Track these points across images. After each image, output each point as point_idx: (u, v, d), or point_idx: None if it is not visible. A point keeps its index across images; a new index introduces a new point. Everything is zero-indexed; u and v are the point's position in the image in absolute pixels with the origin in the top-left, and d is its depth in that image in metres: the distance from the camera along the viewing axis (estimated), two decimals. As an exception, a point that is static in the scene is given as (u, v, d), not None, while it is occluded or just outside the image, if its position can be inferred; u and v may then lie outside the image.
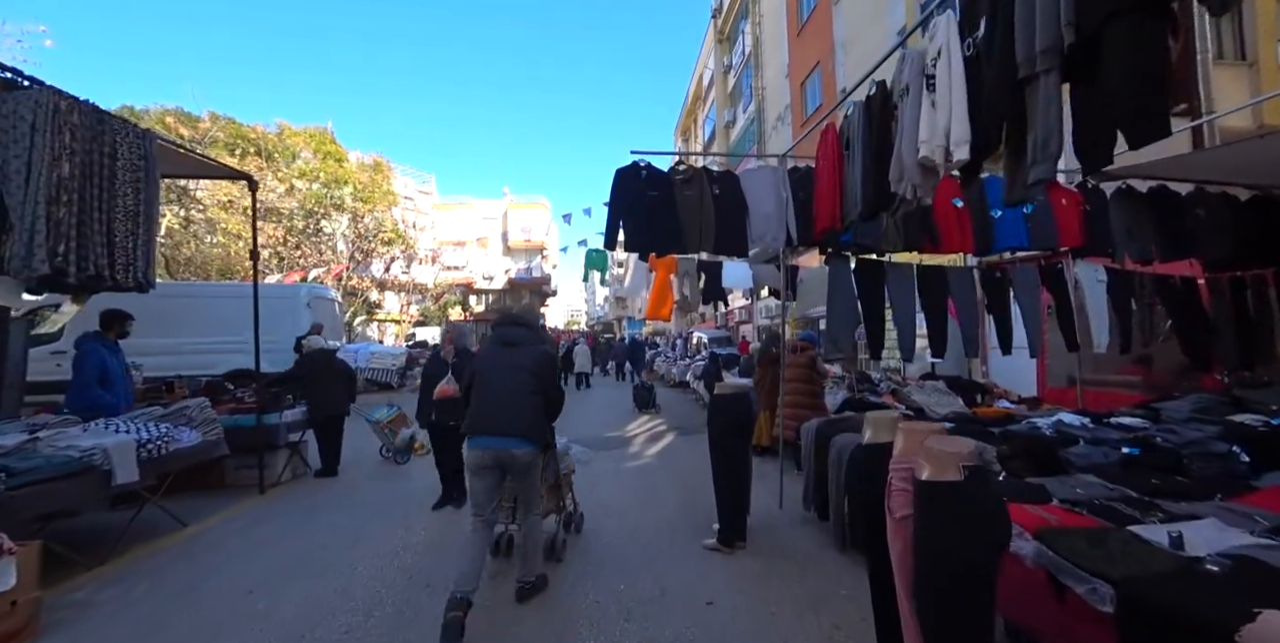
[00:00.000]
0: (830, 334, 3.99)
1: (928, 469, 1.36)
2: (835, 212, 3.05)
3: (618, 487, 4.79)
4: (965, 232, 4.19)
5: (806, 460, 3.77)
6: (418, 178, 34.66)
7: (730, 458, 3.32)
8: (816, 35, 13.93)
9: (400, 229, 23.58)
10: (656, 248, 3.85)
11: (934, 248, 4.18)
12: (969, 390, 5.90)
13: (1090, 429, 3.37)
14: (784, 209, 3.95)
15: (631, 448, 6.45)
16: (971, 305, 4.26)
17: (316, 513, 4.29)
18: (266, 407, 4.84)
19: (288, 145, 19.77)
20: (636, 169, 3.84)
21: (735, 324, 23.47)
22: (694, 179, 3.88)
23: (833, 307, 4.03)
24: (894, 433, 2.21)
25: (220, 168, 5.07)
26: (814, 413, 4.77)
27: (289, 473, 5.10)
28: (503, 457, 2.65)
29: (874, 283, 4.13)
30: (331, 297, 10.56)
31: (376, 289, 25.78)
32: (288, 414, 5.00)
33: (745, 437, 3.42)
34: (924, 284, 4.22)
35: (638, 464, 5.64)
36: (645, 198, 3.80)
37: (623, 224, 3.79)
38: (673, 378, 14.22)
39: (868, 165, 2.68)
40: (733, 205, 3.95)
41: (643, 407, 9.88)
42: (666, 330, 33.72)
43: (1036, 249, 4.27)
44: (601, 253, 8.32)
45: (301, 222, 19.08)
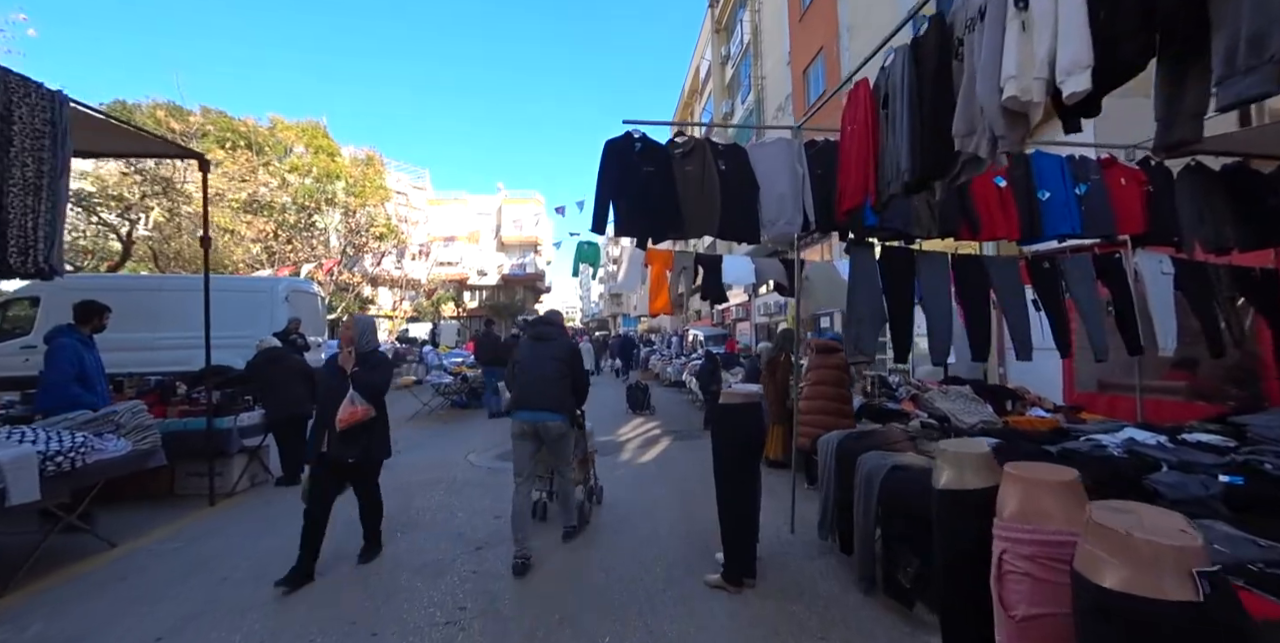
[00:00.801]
0: (851, 333, 3.45)
1: (1120, 569, 0.82)
2: (868, 185, 2.51)
3: (606, 504, 4.25)
4: (1009, 215, 3.65)
5: (825, 480, 3.24)
6: (412, 173, 34.06)
7: (738, 481, 2.79)
8: (820, 19, 13.38)
9: (392, 224, 23.03)
10: (653, 232, 3.30)
11: (973, 234, 3.64)
12: (997, 396, 5.37)
13: (1170, 450, 2.84)
14: (800, 188, 3.40)
15: (623, 455, 5.91)
16: (1020, 301, 3.72)
17: (266, 530, 3.75)
18: (219, 409, 4.30)
19: (280, 139, 19.25)
20: (629, 141, 3.29)
21: (732, 322, 22.96)
22: (696, 153, 3.34)
23: (855, 302, 3.49)
24: (989, 476, 1.68)
25: (163, 144, 4.51)
26: (840, 420, 4.25)
27: (247, 481, 4.56)
28: (539, 428, 3.31)
29: (902, 274, 3.59)
30: (313, 291, 9.99)
31: (369, 285, 25.27)
32: (244, 417, 4.45)
33: (756, 454, 2.88)
34: (961, 276, 3.69)
35: (630, 475, 5.11)
36: (639, 174, 3.25)
37: (614, 204, 3.24)
38: (668, 377, 13.69)
39: (918, 122, 2.14)
40: (741, 183, 3.41)
41: (637, 408, 9.35)
42: (662, 328, 33.24)
43: (1091, 236, 3.72)
44: (593, 245, 7.75)
45: (293, 216, 18.55)
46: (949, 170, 2.07)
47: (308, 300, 9.41)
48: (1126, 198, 3.80)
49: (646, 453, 6.07)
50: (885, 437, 3.06)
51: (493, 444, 6.45)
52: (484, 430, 7.44)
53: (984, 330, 3.71)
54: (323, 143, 20.72)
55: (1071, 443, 3.07)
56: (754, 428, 2.81)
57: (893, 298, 3.54)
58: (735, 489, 2.78)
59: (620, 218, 3.23)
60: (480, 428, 7.61)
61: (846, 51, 11.80)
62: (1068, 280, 3.82)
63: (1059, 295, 3.81)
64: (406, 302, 28.16)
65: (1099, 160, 3.87)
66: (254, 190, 16.72)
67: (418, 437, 6.87)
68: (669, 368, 13.82)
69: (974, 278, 3.73)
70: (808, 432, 4.11)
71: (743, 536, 2.77)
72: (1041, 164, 3.76)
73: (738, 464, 2.77)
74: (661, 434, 7.30)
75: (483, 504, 4.17)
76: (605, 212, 3.21)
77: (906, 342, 3.58)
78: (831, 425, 4.21)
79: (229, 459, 4.48)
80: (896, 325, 3.57)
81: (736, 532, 2.78)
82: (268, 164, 17.97)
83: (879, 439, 3.05)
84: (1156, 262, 3.88)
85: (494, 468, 5.32)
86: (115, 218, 12.86)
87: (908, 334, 3.57)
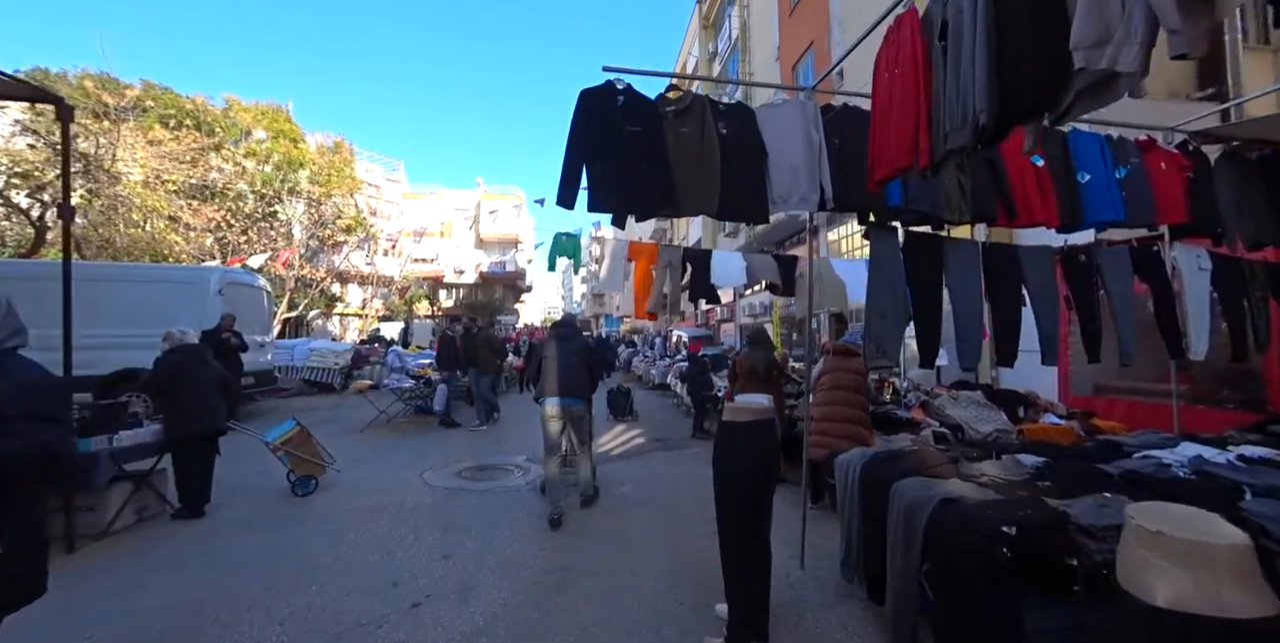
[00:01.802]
0: (871, 333, 2.90)
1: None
2: (918, 142, 1.94)
3: (582, 536, 3.62)
4: (1048, 199, 3.16)
5: (847, 510, 2.67)
6: (386, 164, 32.74)
7: (749, 521, 2.19)
8: (811, 13, 13.01)
9: (361, 217, 21.90)
10: (636, 207, 2.69)
11: (1008, 219, 3.14)
12: (1009, 402, 4.94)
13: (1244, 470, 2.36)
14: (816, 158, 2.84)
15: (603, 470, 5.27)
16: (1052, 297, 3.23)
17: (139, 586, 2.88)
18: (87, 427, 3.51)
19: (236, 122, 18.00)
20: (611, 92, 2.68)
21: (716, 322, 22.49)
22: (693, 112, 2.74)
23: (875, 295, 2.94)
24: (1253, 587, 1.11)
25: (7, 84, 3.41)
26: (855, 430, 3.70)
27: (131, 515, 3.73)
28: (565, 410, 3.95)
29: (929, 264, 3.07)
30: (256, 284, 9.06)
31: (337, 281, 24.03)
32: (125, 436, 3.63)
33: (770, 486, 2.29)
34: (992, 268, 3.18)
35: (610, 496, 4.48)
36: (621, 134, 2.64)
37: (587, 171, 2.62)
38: (651, 379, 13.10)
39: (1004, 42, 1.58)
40: (746, 151, 2.83)
41: (619, 414, 8.72)
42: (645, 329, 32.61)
43: (1132, 225, 3.26)
44: (573, 237, 7.09)
45: (250, 205, 17.34)
46: (1056, 101, 1.51)
47: (249, 295, 8.51)
48: (1167, 184, 3.36)
49: (629, 467, 5.45)
50: (921, 459, 2.50)
51: (454, 458, 5.75)
52: (446, 442, 6.72)
53: (1014, 330, 3.20)
54: (285, 127, 19.52)
55: (1128, 462, 2.57)
56: (768, 453, 2.22)
57: (919, 291, 3.01)
58: (744, 532, 2.19)
59: (596, 188, 2.62)
60: (443, 439, 6.88)
61: (838, 45, 11.42)
62: (1103, 275, 3.34)
63: (1093, 292, 3.33)
64: (378, 300, 26.96)
65: (1137, 142, 3.41)
66: (202, 175, 15.53)
67: (367, 451, 6.11)
68: (653, 370, 13.23)
69: (1006, 270, 3.22)
70: (821, 441, 3.56)
71: (753, 589, 2.18)
72: (1080, 143, 3.29)
73: (749, 499, 2.18)
74: (646, 443, 6.69)
75: (431, 539, 3.48)
76: (576, 179, 2.59)
77: (934, 343, 3.05)
78: (848, 436, 3.67)
79: (106, 490, 3.50)
80: (923, 323, 3.04)
81: (743, 585, 2.18)
82: (220, 147, 16.77)
83: (914, 462, 2.49)
84: (1194, 256, 3.46)
85: (453, 489, 4.62)
86: (25, 199, 11.59)
87: (936, 333, 3.04)
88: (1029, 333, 3.21)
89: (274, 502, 4.23)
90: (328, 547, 3.35)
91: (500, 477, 5.04)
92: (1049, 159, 3.18)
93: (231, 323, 7.13)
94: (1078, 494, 2.12)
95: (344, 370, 10.92)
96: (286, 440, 4.33)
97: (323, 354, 10.87)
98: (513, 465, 5.42)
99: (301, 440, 4.43)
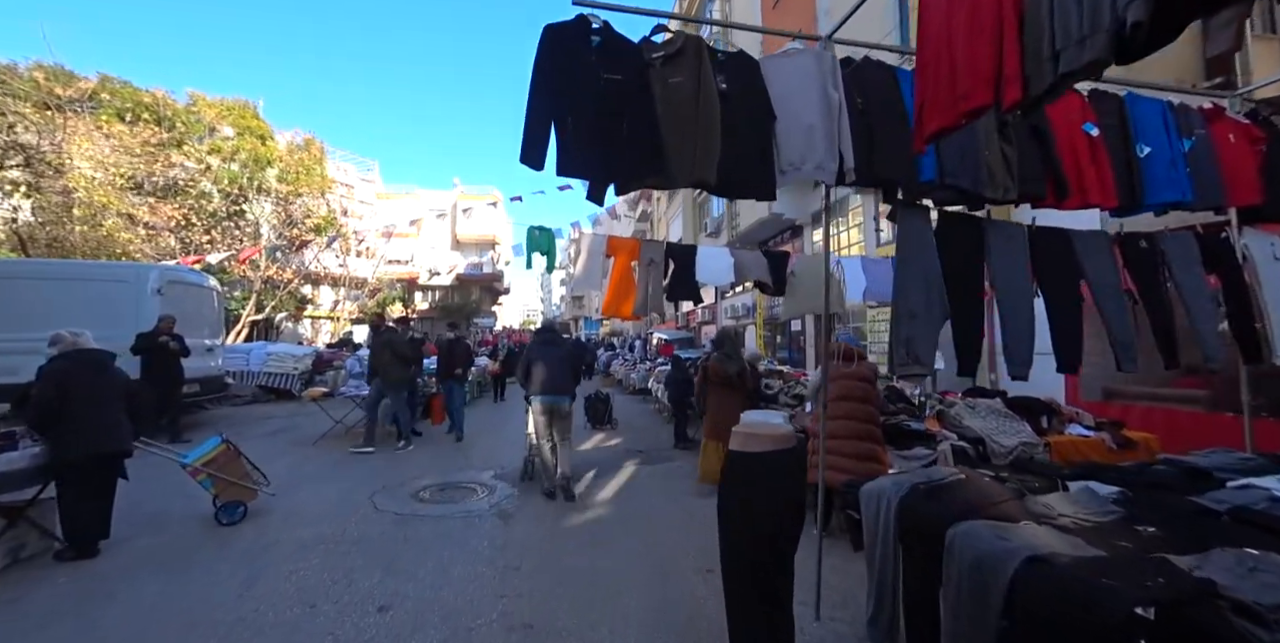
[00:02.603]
0: (900, 334, 2.38)
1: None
2: (1003, 68, 1.42)
3: (550, 576, 3.02)
4: (1104, 176, 2.68)
5: (878, 556, 2.13)
6: (360, 164, 31.76)
7: (766, 585, 1.63)
8: (796, 6, 12.64)
9: (332, 216, 20.95)
10: (616, 173, 2.13)
11: (1057, 200, 2.66)
12: (1031, 411, 4.49)
13: None
14: (835, 119, 2.32)
15: (578, 489, 4.69)
16: (1117, 291, 2.75)
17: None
18: None
19: (200, 118, 17.04)
20: (583, 31, 2.12)
21: (697, 325, 22.01)
22: (685, 58, 2.20)
23: (904, 288, 2.43)
24: None
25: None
26: (864, 446, 3.18)
27: (6, 555, 3.06)
28: (554, 407, 4.50)
29: (969, 251, 2.58)
30: (205, 284, 8.26)
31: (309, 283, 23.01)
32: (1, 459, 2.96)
33: (793, 539, 1.73)
34: (1042, 257, 2.70)
35: (585, 522, 3.90)
36: (597, 83, 2.09)
37: (556, 128, 2.05)
38: (632, 384, 12.53)
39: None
40: (751, 109, 2.29)
41: (597, 422, 8.13)
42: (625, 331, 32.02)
43: (1196, 207, 2.81)
44: (547, 232, 6.47)
45: (214, 203, 16.40)
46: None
47: (195, 295, 7.72)
48: (1238, 160, 2.92)
49: (607, 486, 4.86)
50: (978, 493, 1.98)
51: (413, 475, 5.10)
52: (408, 455, 6.05)
53: (1074, 332, 2.72)
54: (252, 124, 18.58)
55: (1226, 494, 2.08)
56: (794, 495, 1.66)
57: (956, 283, 2.51)
58: (762, 600, 1.63)
59: (566, 149, 2.05)
60: (405, 452, 6.21)
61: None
62: (1171, 265, 2.88)
63: (1160, 284, 2.87)
64: (350, 302, 25.92)
65: (1201, 110, 2.97)
66: (162, 171, 14.59)
67: (317, 467, 5.42)
68: (633, 374, 12.66)
69: (1059, 259, 2.74)
70: (831, 463, 3.03)
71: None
72: (1139, 111, 2.83)
73: (770, 557, 1.62)
74: (626, 456, 6.12)
75: (367, 584, 2.85)
76: (543, 135, 2.02)
77: (975, 345, 2.55)
78: (860, 455, 3.16)
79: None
80: (962, 322, 2.53)
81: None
82: (182, 144, 15.83)
83: (969, 497, 1.97)
84: (1268, 243, 3.00)
85: (405, 515, 3.98)
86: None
87: (977, 334, 2.54)
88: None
89: (191, 534, 3.54)
90: (238, 597, 2.70)
91: (461, 498, 4.42)
92: (1103, 128, 2.71)
93: (171, 325, 6.37)
94: (1192, 544, 1.62)
95: (305, 376, 10.12)
96: (209, 461, 3.65)
97: (281, 359, 10.05)
98: (477, 485, 4.79)
99: (227, 460, 3.75)
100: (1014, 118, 2.61)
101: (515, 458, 5.76)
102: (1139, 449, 4.25)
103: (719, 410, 4.73)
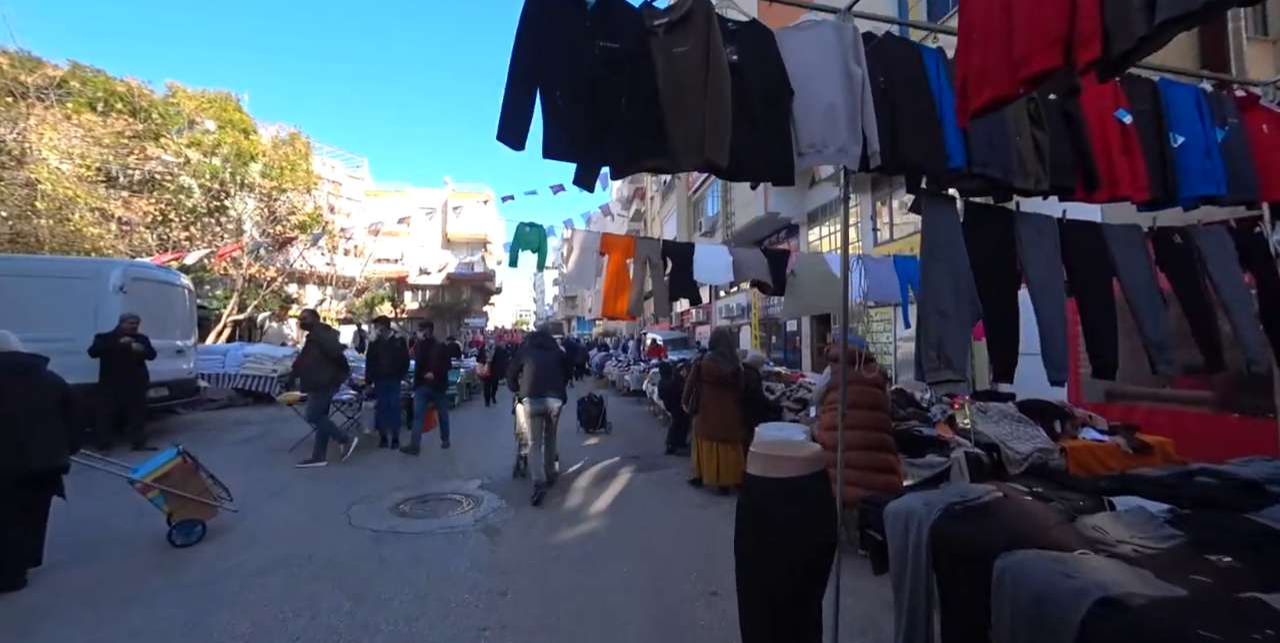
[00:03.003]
0: (931, 337, 2.16)
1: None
2: (1075, 24, 1.19)
3: (539, 603, 2.76)
4: (1136, 167, 2.48)
5: (908, 587, 1.90)
6: (349, 161, 31.13)
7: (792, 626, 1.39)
8: None
9: (317, 213, 20.45)
10: (611, 155, 1.88)
11: (1087, 192, 2.45)
12: (1043, 415, 4.30)
13: None
14: (859, 99, 2.09)
15: (569, 500, 4.44)
16: (1151, 290, 2.56)
17: None
18: None
19: (180, 110, 16.51)
20: (577, -7, 1.87)
21: (692, 325, 21.81)
22: (692, 23, 1.95)
23: (933, 287, 2.21)
24: None
25: None
26: (878, 457, 2.96)
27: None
28: (547, 408, 4.57)
29: (999, 245, 2.36)
30: (177, 282, 7.86)
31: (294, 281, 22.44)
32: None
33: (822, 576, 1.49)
34: (1072, 251, 2.50)
35: (578, 538, 3.64)
36: (591, 51, 1.84)
37: (543, 102, 1.80)
38: (626, 386, 12.28)
39: None
40: (766, 85, 2.05)
41: (590, 426, 7.88)
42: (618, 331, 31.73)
43: (1233, 201, 2.62)
44: (537, 228, 6.21)
45: (193, 199, 15.88)
46: None
47: (164, 293, 7.32)
48: (1271, 150, 2.74)
49: (600, 496, 4.61)
50: (1022, 514, 1.76)
51: (395, 485, 4.81)
52: (389, 463, 5.76)
53: (1110, 334, 2.52)
54: (234, 117, 18.05)
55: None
56: (825, 525, 1.43)
57: (987, 280, 2.29)
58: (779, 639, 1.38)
59: (555, 127, 1.80)
60: (386, 459, 5.92)
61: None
62: (1206, 262, 2.69)
63: (1199, 282, 2.68)
64: (337, 301, 25.35)
65: (1234, 98, 2.79)
66: (137, 164, 14.08)
67: (290, 476, 5.10)
68: (627, 376, 12.42)
69: (1091, 255, 2.54)
70: (850, 476, 2.81)
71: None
72: (1173, 97, 2.63)
73: (795, 594, 1.38)
74: (620, 463, 5.86)
75: (332, 618, 2.55)
76: (525, 110, 1.76)
77: (1011, 347, 2.33)
78: (873, 467, 2.94)
79: None
80: (995, 321, 2.32)
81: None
82: (159, 136, 15.30)
83: (1013, 520, 1.74)
84: (1303, 239, 2.83)
85: (382, 532, 3.68)
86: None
87: (1012, 334, 2.33)
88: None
89: (138, 559, 3.21)
90: (182, 636, 2.40)
91: (444, 511, 4.14)
92: (1136, 115, 2.51)
93: (134, 326, 6.01)
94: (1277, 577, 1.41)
95: (284, 378, 9.74)
96: (162, 475, 3.33)
97: (259, 360, 9.66)
98: (461, 495, 4.52)
99: (184, 474, 3.43)
100: (1049, 99, 2.42)
101: (503, 466, 5.49)
102: (1155, 454, 4.09)
103: (711, 411, 4.73)
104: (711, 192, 19.46)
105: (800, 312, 7.23)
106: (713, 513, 4.06)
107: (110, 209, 13.06)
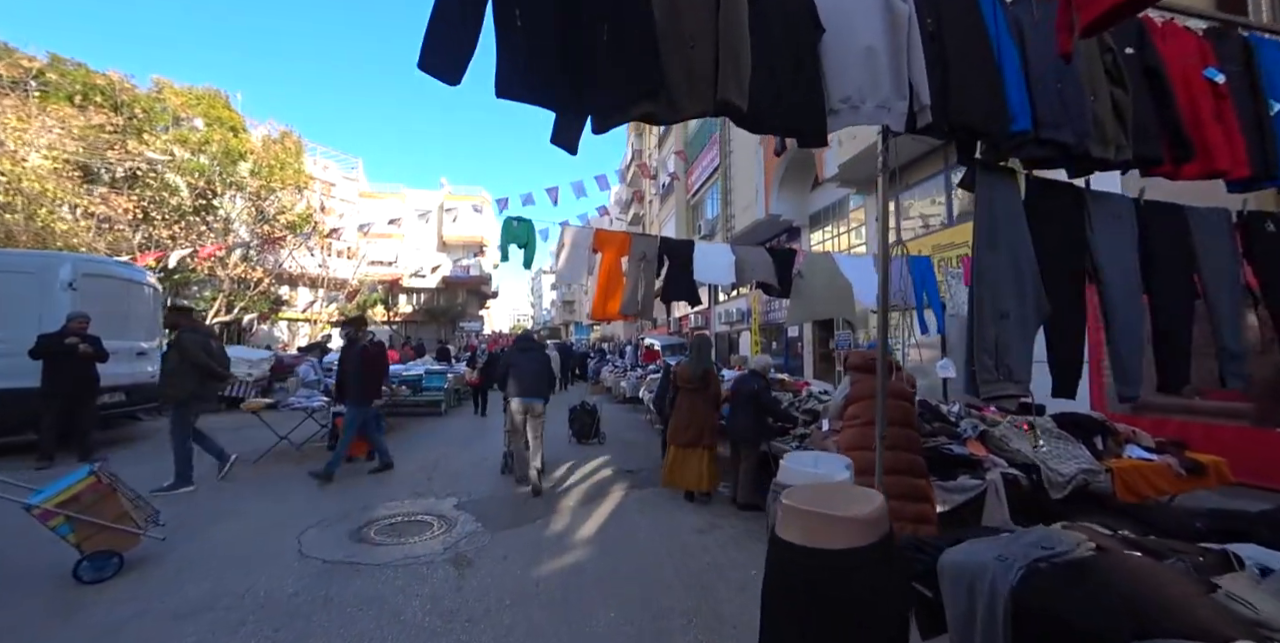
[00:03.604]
0: (988, 342, 1.73)
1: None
2: None
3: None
4: (1233, 136, 2.06)
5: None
6: (343, 161, 30.72)
7: None
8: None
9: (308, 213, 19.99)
10: (589, 98, 1.45)
11: (1175, 164, 2.03)
12: (1083, 430, 3.86)
13: None
14: (904, 42, 1.66)
15: (553, 524, 3.96)
16: (1233, 282, 2.13)
17: None
18: None
19: (167, 107, 16.10)
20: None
21: (690, 330, 21.37)
22: (696, -63, 1.52)
23: (988, 281, 1.78)
24: None
25: None
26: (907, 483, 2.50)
27: None
28: (530, 406, 4.94)
29: (1066, 230, 1.93)
30: (143, 280, 7.39)
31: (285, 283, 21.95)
32: None
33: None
34: (1151, 237, 2.07)
35: (560, 571, 3.16)
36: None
37: (499, 27, 1.36)
38: (622, 393, 11.81)
39: None
40: (789, 21, 1.62)
41: (583, 436, 7.40)
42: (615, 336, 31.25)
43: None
44: (525, 223, 5.75)
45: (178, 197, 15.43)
46: None
47: (124, 291, 6.84)
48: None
49: (588, 519, 4.13)
50: (1138, 580, 1.31)
51: (362, 504, 4.33)
52: (359, 478, 5.28)
53: (1184, 341, 2.09)
54: (223, 114, 17.63)
55: None
56: (895, 616, 0.98)
57: (1052, 273, 1.86)
58: None
59: (515, 60, 1.36)
60: (356, 473, 5.43)
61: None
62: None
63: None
64: (329, 303, 24.83)
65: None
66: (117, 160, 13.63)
67: (246, 494, 4.61)
68: (623, 382, 11.95)
69: (1170, 243, 2.11)
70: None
71: None
72: (1268, 57, 2.21)
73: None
74: (613, 478, 5.39)
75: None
76: (466, 34, 1.32)
77: (1077, 354, 1.90)
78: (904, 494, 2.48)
79: None
80: (1060, 325, 1.89)
81: None
82: (142, 132, 14.86)
83: (1132, 583, 1.29)
84: None
85: (336, 563, 3.19)
86: None
87: (1079, 339, 1.90)
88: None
89: (31, 600, 2.67)
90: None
91: (413, 536, 3.66)
92: (1229, 76, 2.09)
93: (83, 325, 5.53)
94: None
95: (261, 383, 9.24)
96: (68, 499, 2.85)
97: (234, 364, 9.14)
98: (434, 516, 4.04)
99: (96, 498, 2.95)
100: (1127, 53, 2.00)
101: (484, 484, 5.03)
102: (1210, 475, 3.66)
103: (680, 414, 4.63)
104: (711, 194, 19.10)
105: (807, 316, 6.78)
106: (713, 540, 3.61)
107: (86, 205, 12.60)
